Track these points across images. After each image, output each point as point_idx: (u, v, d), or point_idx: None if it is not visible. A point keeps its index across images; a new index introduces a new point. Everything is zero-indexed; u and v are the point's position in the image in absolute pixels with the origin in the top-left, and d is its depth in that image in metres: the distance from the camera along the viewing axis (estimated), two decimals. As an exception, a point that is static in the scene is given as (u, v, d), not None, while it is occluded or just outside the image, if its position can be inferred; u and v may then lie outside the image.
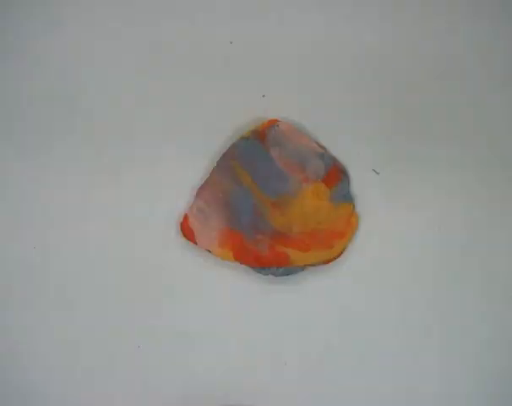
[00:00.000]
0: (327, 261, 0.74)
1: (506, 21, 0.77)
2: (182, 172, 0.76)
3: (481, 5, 0.77)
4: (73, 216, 0.75)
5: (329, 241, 0.74)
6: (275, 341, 0.75)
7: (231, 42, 0.76)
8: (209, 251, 0.74)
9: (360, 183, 0.76)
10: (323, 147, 0.76)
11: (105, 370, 0.74)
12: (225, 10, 0.77)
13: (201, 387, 0.74)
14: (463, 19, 0.77)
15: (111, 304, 0.75)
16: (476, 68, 0.77)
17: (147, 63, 0.77)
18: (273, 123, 0.75)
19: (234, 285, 0.75)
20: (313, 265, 0.74)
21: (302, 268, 0.74)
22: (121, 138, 0.76)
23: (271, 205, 0.75)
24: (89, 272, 0.75)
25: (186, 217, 0.74)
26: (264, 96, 0.76)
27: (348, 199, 0.75)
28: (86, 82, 0.76)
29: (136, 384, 0.74)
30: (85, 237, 0.75)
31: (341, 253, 0.75)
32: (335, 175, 0.75)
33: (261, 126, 0.75)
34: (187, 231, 0.74)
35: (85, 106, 0.76)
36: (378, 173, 0.76)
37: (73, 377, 0.74)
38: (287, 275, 0.74)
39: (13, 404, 0.74)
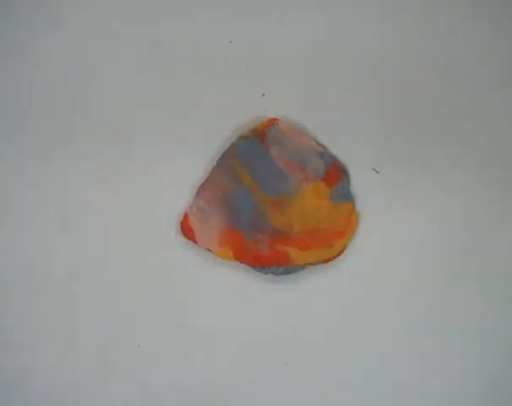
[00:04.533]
0: (327, 260, 0.74)
1: (506, 21, 0.77)
2: (182, 172, 0.76)
3: (481, 5, 0.77)
4: (73, 216, 0.75)
5: (329, 240, 0.74)
6: (275, 341, 0.75)
7: (230, 42, 0.76)
8: (209, 250, 0.74)
9: (360, 182, 0.76)
10: (322, 146, 0.76)
11: (105, 370, 0.74)
12: (225, 10, 0.77)
13: (201, 387, 0.74)
14: (463, 19, 0.77)
15: (111, 304, 0.75)
16: (476, 68, 0.77)
17: (147, 63, 0.77)
18: (273, 122, 0.75)
19: (234, 284, 0.75)
20: (312, 264, 0.74)
21: (302, 267, 0.74)
22: (121, 138, 0.76)
23: (271, 204, 0.75)
24: (89, 272, 0.75)
25: (186, 216, 0.74)
26: (263, 95, 0.76)
27: (348, 198, 0.75)
28: (86, 82, 0.77)
29: (136, 384, 0.74)
30: (85, 237, 0.75)
31: (341, 252, 0.74)
32: (335, 174, 0.75)
33: (261, 125, 0.75)
34: (187, 230, 0.74)
35: (85, 106, 0.76)
36: (378, 172, 0.76)
37: (73, 377, 0.74)
38: (287, 274, 0.74)
39: (13, 404, 0.74)
